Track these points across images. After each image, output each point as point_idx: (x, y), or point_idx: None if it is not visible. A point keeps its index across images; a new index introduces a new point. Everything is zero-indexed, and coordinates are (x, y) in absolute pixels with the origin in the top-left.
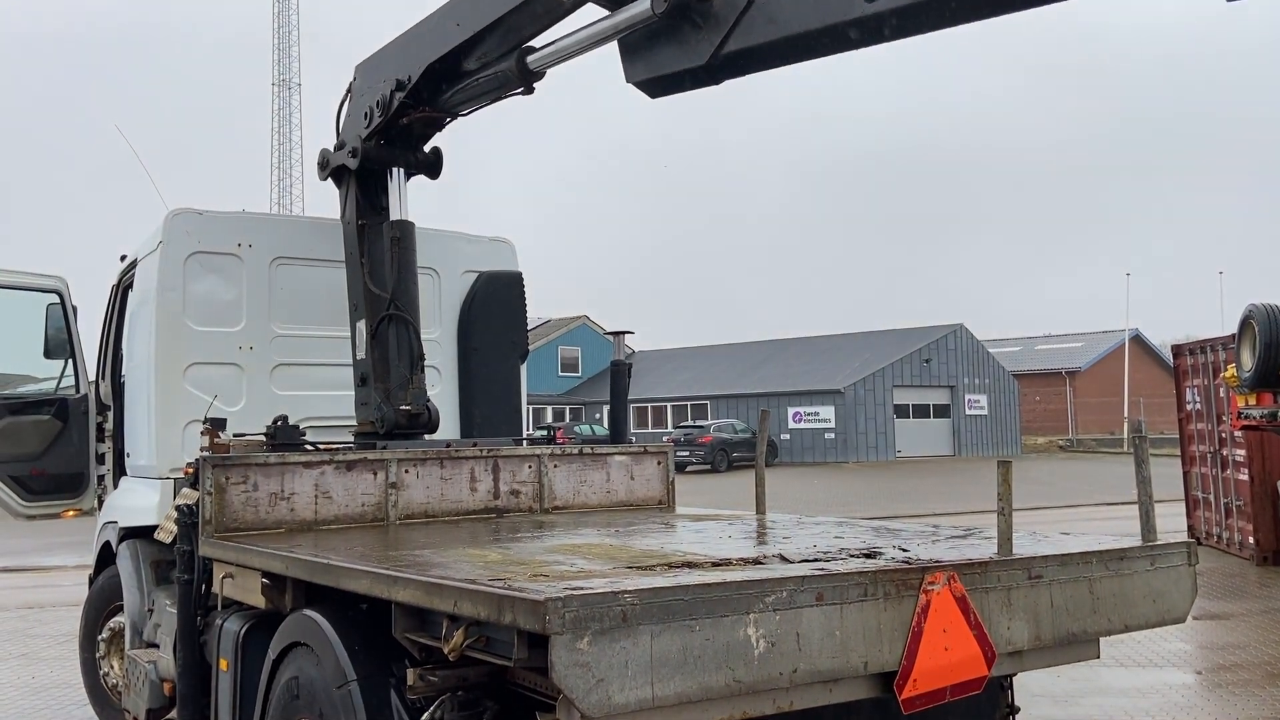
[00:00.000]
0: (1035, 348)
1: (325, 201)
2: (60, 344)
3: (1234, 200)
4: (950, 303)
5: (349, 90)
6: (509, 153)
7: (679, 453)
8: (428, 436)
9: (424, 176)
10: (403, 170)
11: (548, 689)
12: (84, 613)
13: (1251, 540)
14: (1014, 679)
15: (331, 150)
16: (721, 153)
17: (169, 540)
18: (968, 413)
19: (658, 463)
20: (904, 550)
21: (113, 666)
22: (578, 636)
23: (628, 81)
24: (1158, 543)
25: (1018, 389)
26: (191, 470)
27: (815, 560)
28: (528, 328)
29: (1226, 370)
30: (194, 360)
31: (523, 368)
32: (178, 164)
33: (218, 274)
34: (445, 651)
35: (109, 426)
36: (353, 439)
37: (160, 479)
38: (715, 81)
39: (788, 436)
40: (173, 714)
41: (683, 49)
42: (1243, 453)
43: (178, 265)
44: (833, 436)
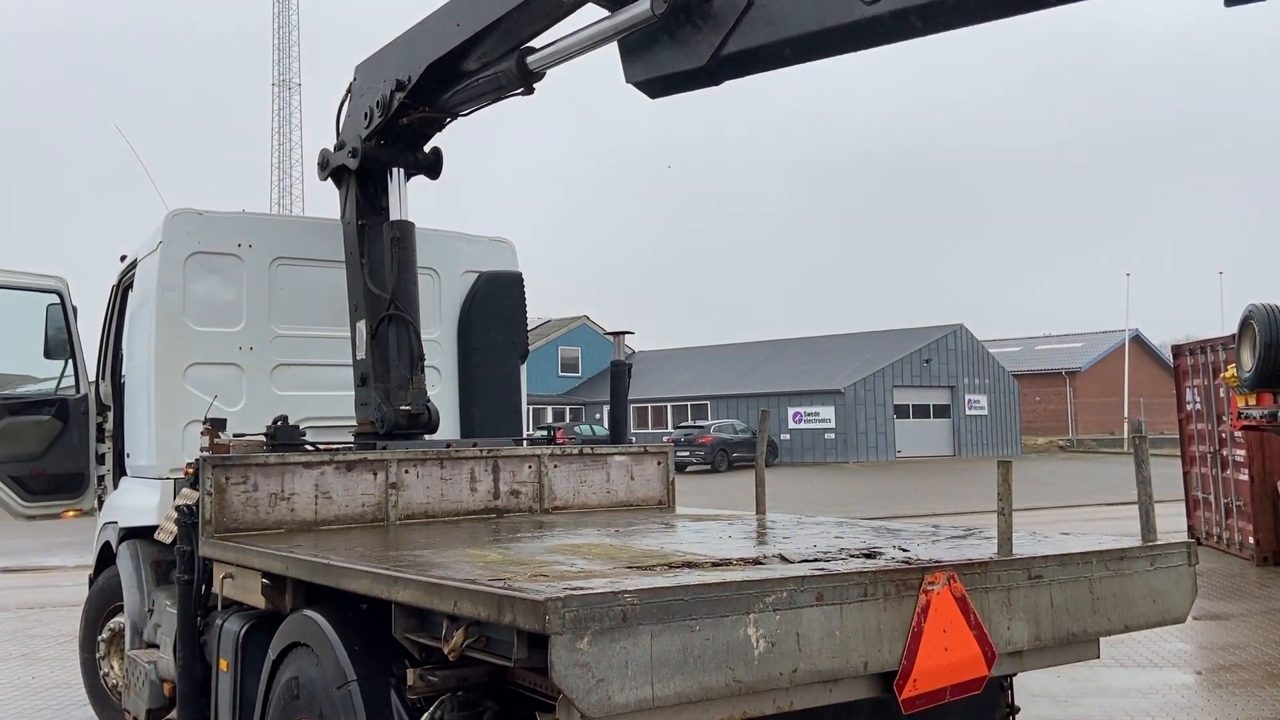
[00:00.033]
0: (1035, 348)
1: (325, 201)
2: (60, 344)
3: (1234, 200)
4: (950, 303)
5: (349, 90)
6: (509, 153)
7: (679, 453)
8: (428, 437)
9: (424, 176)
10: (403, 170)
11: (548, 689)
12: (84, 613)
13: (1251, 540)
14: (1014, 679)
15: (331, 150)
16: (722, 152)
17: (169, 540)
18: (968, 413)
19: (658, 463)
20: (904, 550)
21: (113, 667)
22: (578, 636)
23: (627, 81)
24: (1158, 543)
25: (1018, 389)
26: (191, 470)
27: (815, 560)
28: (528, 328)
29: (1226, 370)
30: (194, 360)
31: (523, 368)
32: (178, 164)
33: (218, 274)
34: (445, 651)
35: (109, 426)
36: (353, 439)
37: (160, 479)
38: (715, 82)
39: (788, 437)
40: (173, 714)
41: (683, 50)
42: (1243, 453)
43: (178, 265)
44: (833, 437)
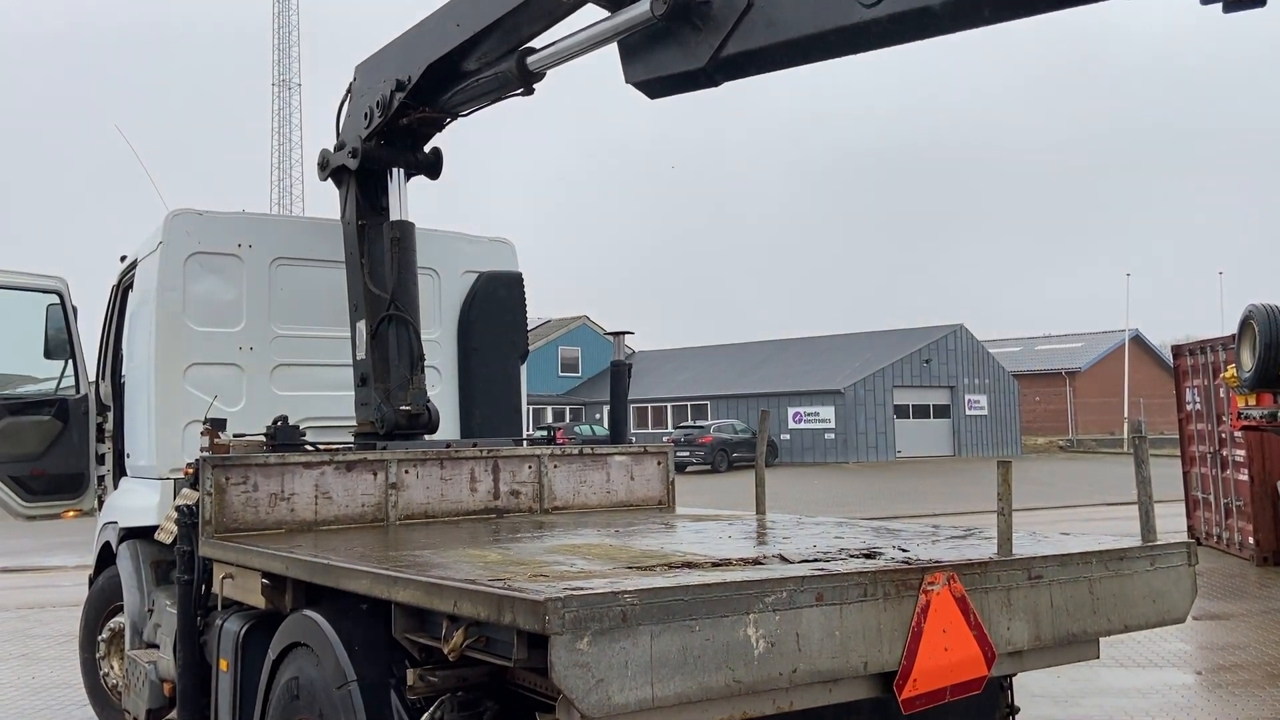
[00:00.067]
0: (1035, 348)
1: (325, 201)
2: (60, 344)
3: (1234, 200)
4: (950, 303)
5: (349, 90)
6: (509, 153)
7: (679, 453)
8: (428, 437)
9: (424, 177)
10: (403, 170)
11: (548, 689)
12: (84, 613)
13: (1251, 540)
14: (1014, 679)
15: (332, 150)
16: (722, 152)
17: (169, 541)
18: (968, 413)
19: (658, 463)
20: (904, 550)
21: (113, 667)
22: (577, 637)
23: (627, 82)
24: (1158, 543)
25: (1018, 389)
26: (191, 471)
27: (815, 560)
28: (528, 328)
29: (1226, 370)
30: (194, 361)
31: (523, 368)
32: (178, 164)
33: (218, 274)
34: (445, 652)
35: (109, 427)
36: (353, 439)
37: (160, 479)
38: (714, 83)
39: (788, 437)
40: (173, 714)
41: (682, 51)
42: (1243, 453)
43: (178, 266)
44: (833, 437)
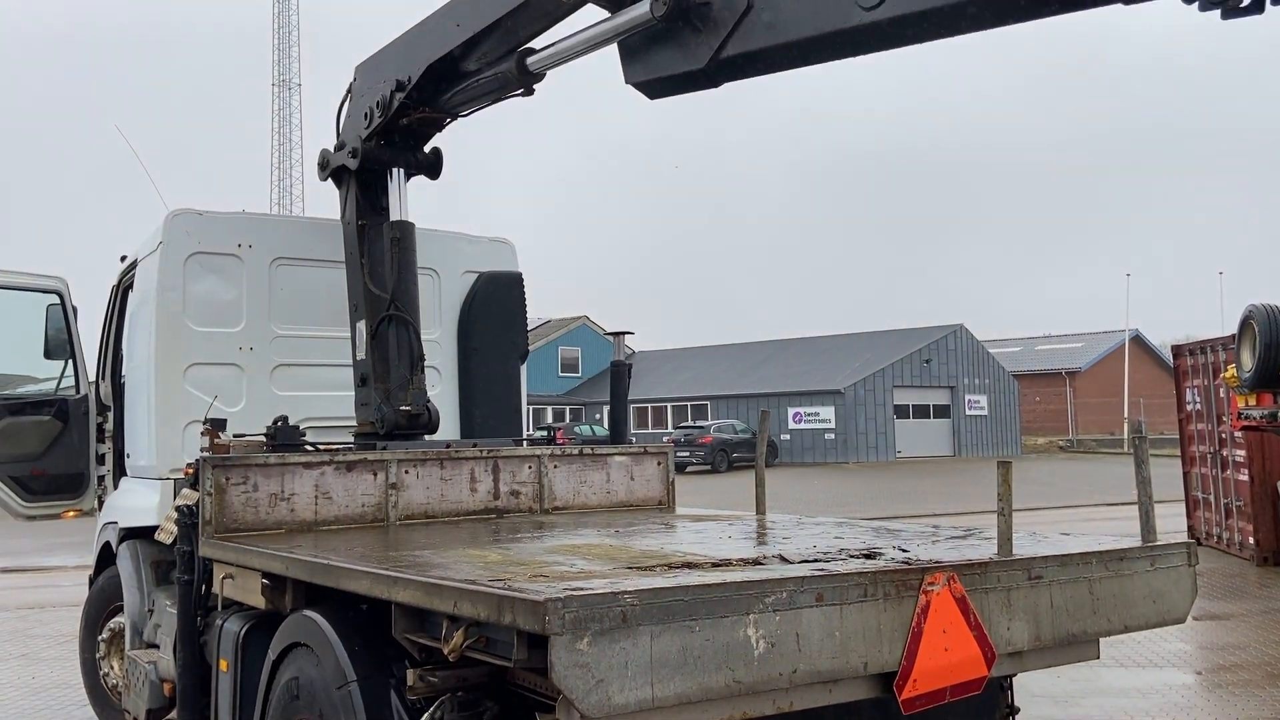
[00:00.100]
0: (1035, 348)
1: (325, 201)
2: (60, 344)
3: (1234, 200)
4: (950, 303)
5: (349, 91)
6: (509, 153)
7: (679, 453)
8: (428, 437)
9: (424, 177)
10: (403, 171)
11: (548, 689)
12: (84, 613)
13: (1251, 540)
14: (1014, 679)
15: (332, 151)
16: (722, 152)
17: (169, 541)
18: (968, 413)
19: (658, 463)
20: (904, 551)
21: (113, 667)
22: (577, 637)
23: (627, 82)
24: (1158, 543)
25: (1018, 389)
26: (191, 471)
27: (815, 561)
28: (528, 328)
29: (1226, 370)
30: (194, 361)
31: (523, 368)
32: (178, 164)
33: (218, 274)
34: (445, 652)
35: (109, 427)
36: (353, 439)
37: (160, 479)
38: (714, 84)
39: (788, 437)
40: (173, 714)
41: (682, 52)
42: (1243, 453)
43: (178, 266)
44: (833, 437)
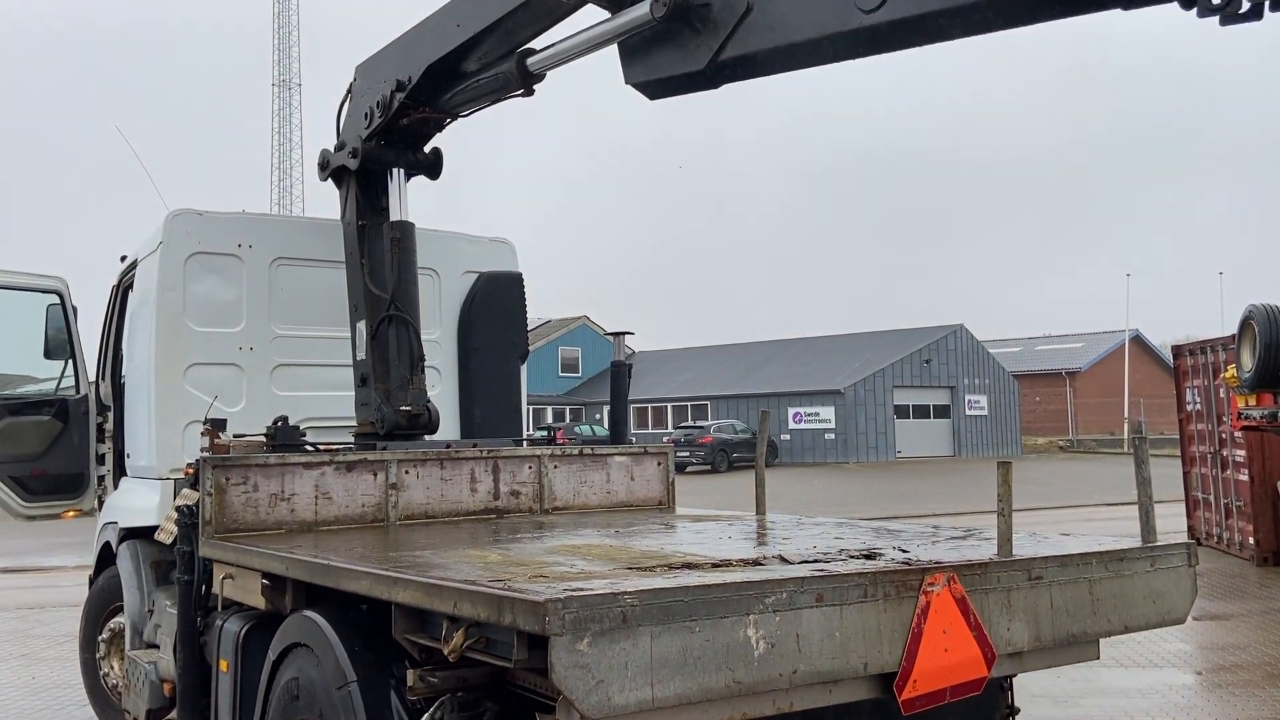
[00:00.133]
0: (1035, 348)
1: (325, 202)
2: (60, 344)
3: (1234, 200)
4: (950, 303)
5: (349, 91)
6: (509, 153)
7: (679, 453)
8: (428, 437)
9: (424, 177)
10: (403, 171)
11: (548, 690)
12: (84, 613)
13: (1251, 541)
14: (1014, 679)
15: (332, 151)
16: (722, 153)
17: (169, 541)
18: (968, 413)
19: (658, 463)
20: (904, 551)
21: (113, 667)
22: (577, 638)
23: (627, 83)
24: (1158, 544)
25: (1018, 389)
26: (192, 471)
27: (815, 561)
28: (528, 328)
29: (1226, 371)
30: (194, 361)
31: (523, 368)
32: (178, 164)
33: (218, 274)
34: (445, 652)
35: (109, 427)
36: (353, 440)
37: (160, 479)
38: (713, 86)
39: (788, 437)
40: (173, 715)
41: (682, 53)
42: (1243, 453)
43: (178, 266)
44: (833, 437)
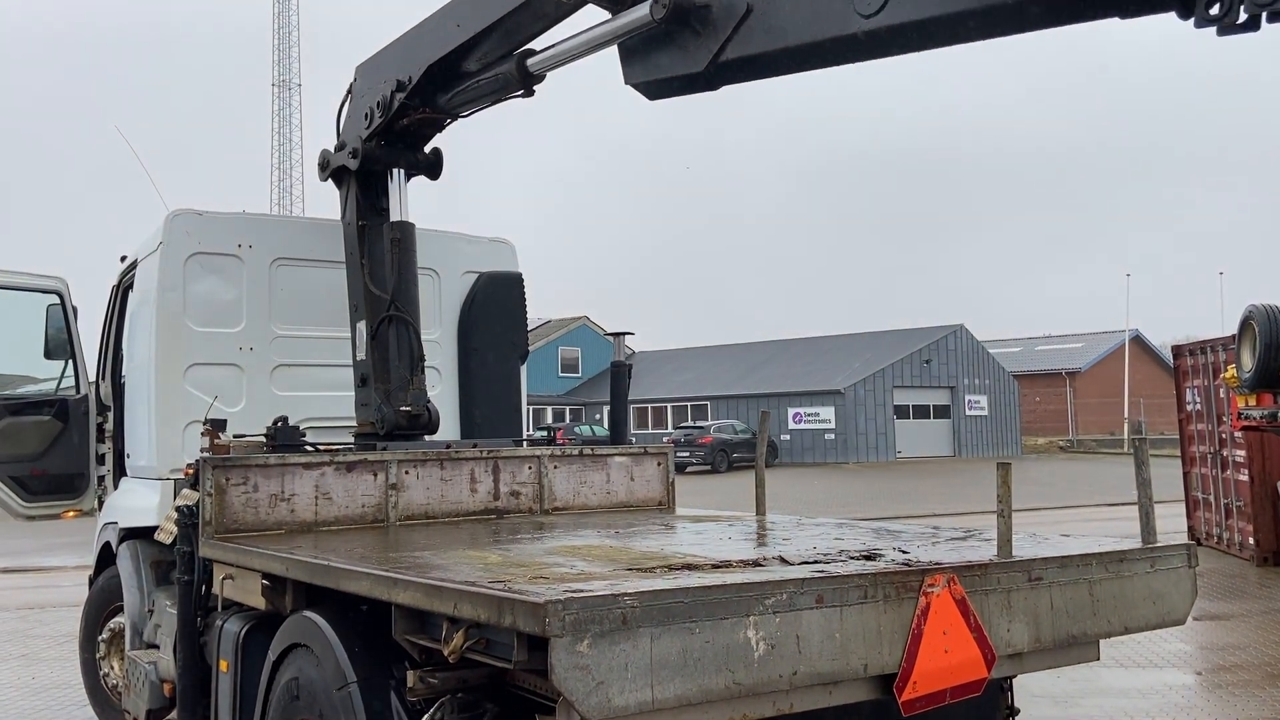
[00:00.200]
0: (1035, 348)
1: (325, 202)
2: (60, 345)
3: (1234, 200)
4: (950, 303)
5: (349, 91)
6: (509, 153)
7: (679, 453)
8: (428, 437)
9: (424, 177)
10: (403, 171)
11: (548, 691)
12: (84, 613)
13: (1251, 541)
14: (1014, 680)
15: (332, 151)
16: (722, 153)
17: (169, 541)
18: (968, 413)
19: (658, 464)
20: (904, 552)
21: (113, 667)
22: (577, 639)
23: (626, 83)
24: (1158, 545)
25: (1018, 389)
26: (192, 471)
27: (815, 562)
28: (528, 328)
29: (1226, 371)
30: (194, 361)
31: (523, 368)
32: (178, 164)
33: (218, 275)
34: (445, 653)
35: (109, 427)
36: (353, 440)
37: (160, 480)
38: (712, 87)
39: (788, 437)
40: (173, 715)
41: (681, 54)
42: (1243, 453)
43: (178, 266)
44: (833, 437)
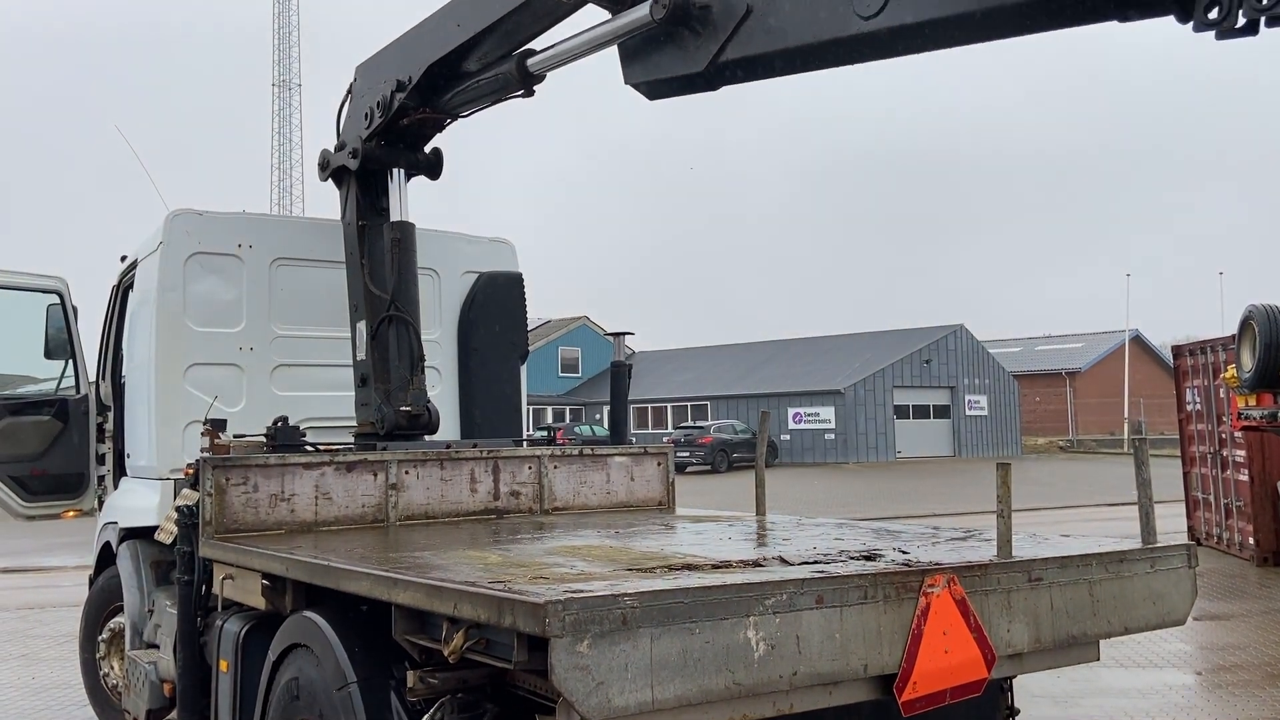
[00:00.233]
0: (1035, 348)
1: (325, 202)
2: (61, 344)
3: (1234, 200)
4: (950, 303)
5: (349, 91)
6: (509, 153)
7: (679, 453)
8: (428, 437)
9: (424, 177)
10: (403, 171)
11: (548, 691)
12: (84, 613)
13: (1251, 541)
14: (1014, 680)
15: (332, 151)
16: (722, 153)
17: (169, 541)
18: (968, 413)
19: (658, 463)
20: (904, 552)
21: (113, 667)
22: (578, 639)
23: (626, 83)
24: (1158, 545)
25: (1018, 389)
26: (192, 471)
27: (815, 563)
28: (528, 328)
29: (1226, 371)
30: (194, 361)
31: (523, 368)
32: (178, 164)
33: (218, 275)
34: (445, 654)
35: (109, 427)
36: (353, 440)
37: (160, 480)
38: (712, 88)
39: (788, 437)
40: (173, 715)
41: (681, 55)
42: (1243, 453)
43: (178, 266)
44: (833, 437)
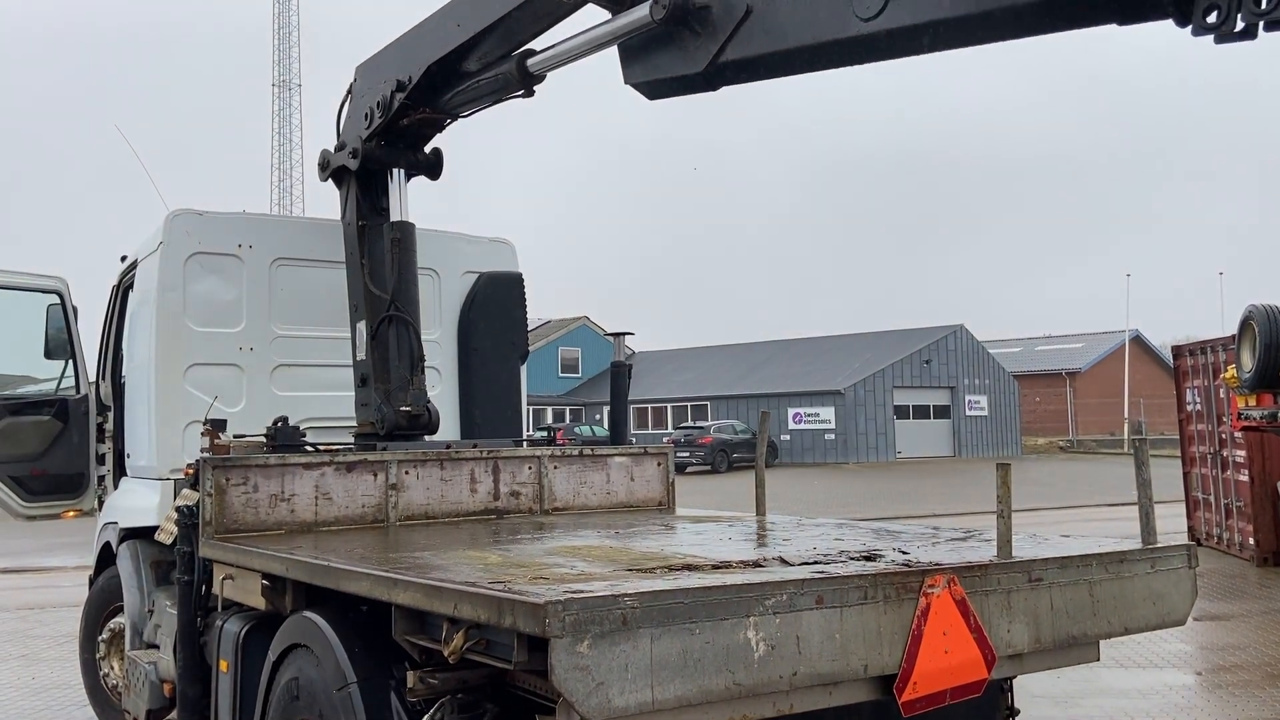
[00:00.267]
0: (1035, 348)
1: (325, 202)
2: (61, 344)
3: (1234, 200)
4: (950, 303)
5: (349, 91)
6: (510, 153)
7: (679, 454)
8: (428, 438)
9: (424, 177)
10: (403, 171)
11: (548, 692)
12: (84, 613)
13: (1251, 541)
14: (1014, 681)
15: (332, 151)
16: (723, 153)
17: (169, 541)
18: (968, 413)
19: (658, 464)
20: (904, 553)
21: (113, 667)
22: (578, 639)
23: (626, 83)
24: (1158, 545)
25: (1018, 390)
26: (192, 471)
27: (815, 563)
28: (528, 329)
29: (1226, 371)
30: (194, 361)
31: (523, 369)
32: (178, 164)
33: (218, 275)
34: (445, 654)
35: (109, 427)
36: (353, 440)
37: (160, 480)
38: (712, 88)
39: (788, 437)
40: (173, 715)
41: (681, 55)
42: (1243, 453)
43: (178, 266)
44: (833, 437)
